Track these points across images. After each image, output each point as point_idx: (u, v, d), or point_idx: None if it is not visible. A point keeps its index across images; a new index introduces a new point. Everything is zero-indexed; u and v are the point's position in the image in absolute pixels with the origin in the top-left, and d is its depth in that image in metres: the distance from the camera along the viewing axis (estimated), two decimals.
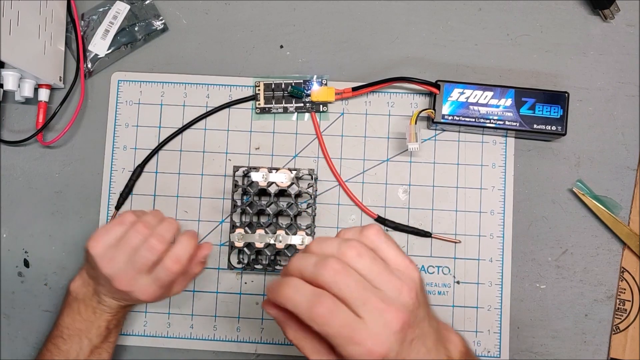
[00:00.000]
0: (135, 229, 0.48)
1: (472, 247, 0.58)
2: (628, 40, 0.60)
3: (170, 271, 0.48)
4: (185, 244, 0.49)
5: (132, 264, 0.48)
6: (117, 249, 0.48)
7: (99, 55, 0.60)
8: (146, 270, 0.48)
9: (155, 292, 0.49)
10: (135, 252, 0.48)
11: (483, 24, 0.60)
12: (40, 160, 0.60)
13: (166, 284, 0.49)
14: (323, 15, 0.61)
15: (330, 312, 0.35)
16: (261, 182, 0.55)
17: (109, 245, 0.48)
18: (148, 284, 0.48)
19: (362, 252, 0.37)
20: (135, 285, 0.48)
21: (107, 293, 0.50)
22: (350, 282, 0.36)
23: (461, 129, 0.58)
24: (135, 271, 0.48)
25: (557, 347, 0.57)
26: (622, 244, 0.58)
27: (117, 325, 0.53)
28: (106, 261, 0.48)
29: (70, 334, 0.50)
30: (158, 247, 0.48)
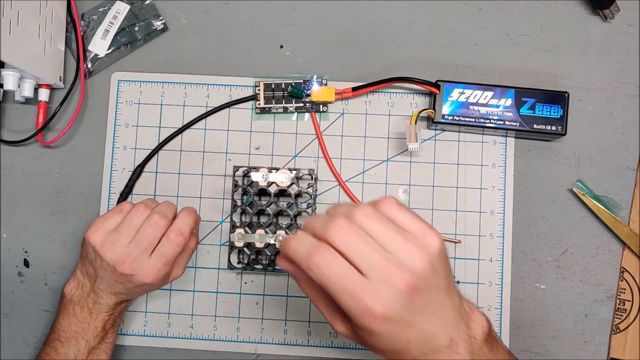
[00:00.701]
0: (136, 209, 0.50)
1: (472, 247, 0.58)
2: (628, 40, 0.60)
3: (174, 244, 0.49)
4: (186, 217, 0.51)
5: (135, 245, 0.49)
6: (117, 232, 0.49)
7: (99, 55, 0.60)
8: (149, 250, 0.49)
9: (159, 272, 0.49)
10: (138, 232, 0.49)
11: (483, 24, 0.60)
12: (40, 160, 0.60)
13: (170, 260, 0.50)
14: (323, 15, 0.61)
15: (325, 261, 0.35)
16: (261, 182, 0.55)
17: (109, 231, 0.50)
18: (152, 263, 0.49)
19: (372, 215, 0.37)
20: (139, 267, 0.49)
21: (106, 288, 0.50)
22: (354, 240, 0.36)
23: (461, 129, 0.58)
24: (139, 251, 0.49)
25: (557, 347, 0.57)
26: (622, 244, 0.58)
27: (114, 325, 0.53)
28: (107, 246, 0.49)
29: (68, 337, 0.50)
30: (161, 222, 0.49)
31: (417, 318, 0.36)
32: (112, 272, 0.49)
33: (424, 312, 0.36)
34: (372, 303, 0.35)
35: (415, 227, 0.38)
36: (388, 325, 0.36)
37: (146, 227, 0.49)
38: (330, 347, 0.58)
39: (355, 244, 0.36)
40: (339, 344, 0.58)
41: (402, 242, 0.36)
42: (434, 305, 0.37)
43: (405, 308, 0.35)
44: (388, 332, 0.36)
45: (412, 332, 0.36)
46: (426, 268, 0.36)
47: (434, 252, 0.37)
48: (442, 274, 0.37)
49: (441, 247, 0.38)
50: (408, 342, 0.37)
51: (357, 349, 0.57)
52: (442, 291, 0.37)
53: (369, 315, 0.35)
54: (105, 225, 0.50)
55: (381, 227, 0.37)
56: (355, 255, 0.36)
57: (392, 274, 0.35)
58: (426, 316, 0.37)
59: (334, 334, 0.58)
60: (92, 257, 0.50)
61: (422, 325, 0.36)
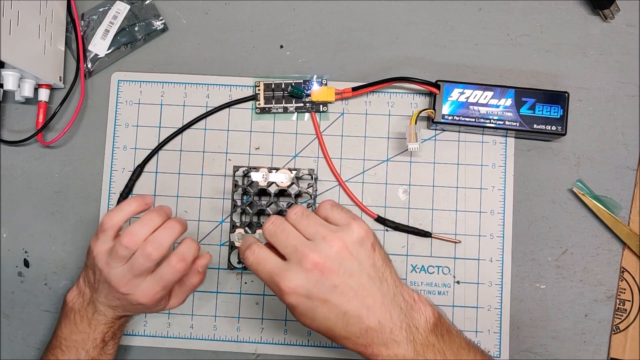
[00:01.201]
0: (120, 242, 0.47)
1: (472, 247, 0.58)
2: (628, 40, 0.60)
3: (174, 269, 0.47)
4: (190, 245, 0.49)
5: (128, 270, 0.47)
6: (110, 255, 0.47)
7: (99, 55, 0.60)
8: (144, 276, 0.48)
9: (156, 294, 0.48)
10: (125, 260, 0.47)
11: (483, 24, 0.60)
12: (40, 160, 0.60)
13: (168, 284, 0.48)
14: (323, 15, 0.61)
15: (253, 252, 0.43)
16: (261, 182, 0.55)
17: (106, 248, 0.48)
18: (149, 285, 0.48)
19: (301, 213, 0.43)
20: (134, 288, 0.48)
21: (104, 300, 0.50)
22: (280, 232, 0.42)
23: (461, 129, 0.58)
24: (132, 276, 0.47)
25: (557, 347, 0.57)
26: (622, 244, 0.58)
27: (114, 337, 0.52)
28: (104, 264, 0.48)
29: (68, 346, 0.50)
30: (154, 254, 0.46)
31: (331, 296, 0.40)
32: (109, 287, 0.48)
33: (338, 292, 0.40)
34: (282, 280, 0.41)
35: (342, 220, 0.43)
36: (298, 298, 0.40)
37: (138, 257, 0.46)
38: (330, 347, 0.58)
39: (279, 235, 0.42)
40: None
41: (323, 231, 0.42)
42: (352, 287, 0.41)
43: (313, 285, 0.40)
44: (302, 305, 0.41)
45: (329, 310, 0.41)
46: (339, 251, 0.41)
47: (350, 239, 0.41)
48: (363, 260, 0.41)
49: (362, 236, 0.42)
50: (328, 320, 0.41)
51: None
52: (363, 276, 0.41)
53: (280, 290, 0.41)
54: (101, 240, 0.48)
55: (308, 222, 0.43)
56: (279, 244, 0.42)
57: (303, 255, 0.41)
58: (342, 296, 0.40)
59: None
60: (94, 267, 0.49)
61: (338, 304, 0.40)
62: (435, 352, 0.42)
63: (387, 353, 0.41)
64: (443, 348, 0.42)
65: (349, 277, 0.41)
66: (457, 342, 0.43)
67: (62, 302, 0.52)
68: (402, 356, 0.41)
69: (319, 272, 0.40)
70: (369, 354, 0.42)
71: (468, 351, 0.44)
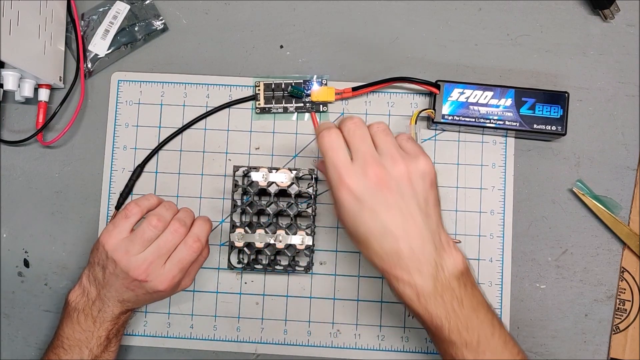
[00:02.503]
0: (149, 222, 0.49)
1: (472, 247, 0.58)
2: (628, 40, 0.60)
3: (192, 249, 0.49)
4: (203, 224, 0.52)
5: (152, 251, 0.49)
6: (131, 241, 0.49)
7: (99, 55, 0.60)
8: (166, 257, 0.49)
9: (174, 278, 0.49)
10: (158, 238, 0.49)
11: (483, 24, 0.60)
12: (40, 160, 0.60)
13: (186, 266, 0.50)
14: (323, 15, 0.61)
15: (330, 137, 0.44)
16: (261, 182, 0.55)
17: (122, 237, 0.49)
18: (168, 269, 0.49)
19: (383, 129, 0.46)
20: (154, 273, 0.48)
21: (113, 295, 0.50)
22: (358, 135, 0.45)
23: (461, 129, 0.58)
24: (156, 257, 0.48)
25: (557, 347, 0.57)
26: (622, 244, 0.58)
27: (117, 334, 0.52)
28: (122, 253, 0.48)
29: (71, 345, 0.50)
30: (181, 230, 0.50)
31: (380, 209, 0.43)
32: (124, 278, 0.48)
33: (387, 208, 0.43)
34: (345, 175, 0.43)
35: (412, 151, 0.45)
36: (350, 198, 0.43)
37: (166, 234, 0.49)
38: (330, 347, 0.58)
39: (356, 136, 0.45)
40: (339, 344, 0.58)
41: (393, 152, 0.44)
42: (401, 210, 0.43)
43: (369, 192, 0.43)
44: (351, 206, 0.43)
45: (372, 220, 0.43)
46: (401, 175, 0.43)
47: (415, 169, 0.44)
48: (419, 191, 0.44)
49: (426, 170, 0.44)
50: (368, 229, 0.43)
51: (358, 349, 0.57)
52: (414, 205, 0.43)
53: (339, 182, 0.43)
54: (116, 231, 0.49)
55: (384, 138, 0.45)
56: (352, 143, 0.44)
57: (370, 164, 0.43)
58: (390, 213, 0.43)
59: (334, 334, 0.58)
60: (104, 263, 0.49)
61: (383, 218, 0.43)
62: (453, 297, 0.43)
63: (408, 279, 0.43)
64: (462, 296, 0.43)
65: (401, 199, 0.43)
66: (478, 299, 0.45)
67: (64, 302, 0.52)
68: (420, 287, 0.43)
69: (377, 184, 0.43)
70: (392, 275, 0.44)
71: (487, 311, 0.44)
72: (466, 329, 0.43)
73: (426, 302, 0.43)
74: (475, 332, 0.43)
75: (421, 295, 0.43)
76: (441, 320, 0.43)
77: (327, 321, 0.58)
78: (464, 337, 0.43)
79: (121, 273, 0.48)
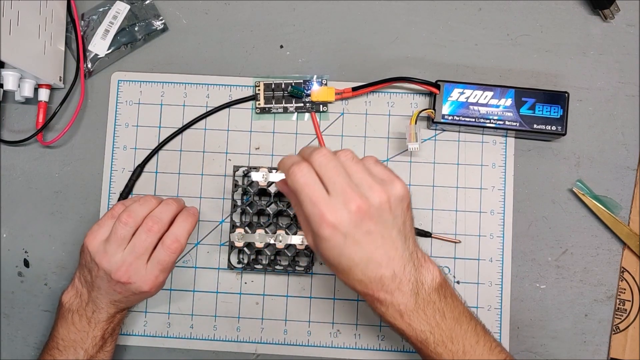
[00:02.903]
0: (119, 220, 0.49)
1: (472, 247, 0.58)
2: (628, 40, 0.60)
3: (169, 250, 0.49)
4: (183, 222, 0.51)
5: (129, 252, 0.48)
6: (108, 242, 0.49)
7: (99, 55, 0.60)
8: (145, 256, 0.49)
9: (157, 278, 0.49)
10: (132, 238, 0.49)
11: (483, 24, 0.60)
12: (40, 160, 0.60)
13: (167, 266, 0.50)
14: (323, 15, 0.61)
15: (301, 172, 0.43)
16: (261, 182, 0.55)
17: (104, 238, 0.49)
18: (149, 271, 0.49)
19: (352, 157, 0.44)
20: (135, 275, 0.48)
21: (104, 296, 0.50)
22: (330, 167, 0.43)
23: (461, 129, 0.58)
24: (134, 257, 0.48)
25: (557, 347, 0.57)
26: (622, 244, 0.58)
27: (113, 333, 0.52)
28: (102, 255, 0.49)
29: (66, 345, 0.50)
30: (155, 227, 0.49)
31: (364, 240, 0.42)
32: (108, 281, 0.49)
33: (370, 237, 0.42)
34: (327, 211, 0.41)
35: (385, 175, 0.45)
36: (335, 233, 0.42)
37: (140, 234, 0.49)
38: (330, 347, 0.58)
39: (329, 169, 0.43)
40: (339, 344, 0.58)
41: (369, 180, 0.43)
42: (383, 237, 0.42)
43: (352, 225, 0.42)
44: (335, 240, 0.42)
45: (356, 251, 0.42)
46: (381, 202, 0.42)
47: (393, 194, 0.43)
48: (398, 215, 0.43)
49: (402, 194, 0.44)
50: (352, 260, 0.42)
51: (358, 349, 0.57)
52: (394, 230, 0.43)
53: (322, 220, 0.42)
54: (100, 232, 0.50)
55: (356, 167, 0.44)
56: (327, 177, 0.43)
57: (350, 197, 0.42)
58: (373, 242, 0.42)
59: (334, 334, 0.58)
60: (90, 265, 0.50)
61: (367, 248, 0.42)
62: (435, 310, 0.44)
63: (391, 300, 0.43)
64: (444, 308, 0.44)
65: (383, 227, 0.43)
66: (459, 310, 0.45)
67: (58, 303, 0.52)
68: (403, 305, 0.43)
69: (360, 216, 0.42)
70: (374, 299, 0.44)
71: (469, 321, 0.45)
72: (451, 340, 0.44)
73: (409, 318, 0.43)
74: (460, 342, 0.44)
75: (404, 313, 0.43)
76: (426, 335, 0.44)
77: (327, 321, 0.58)
78: (449, 349, 0.44)
79: (105, 276, 0.49)
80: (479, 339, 0.45)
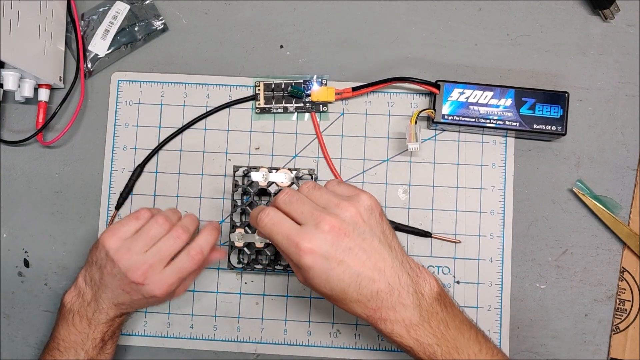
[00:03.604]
0: (155, 220, 0.50)
1: (472, 247, 0.58)
2: (628, 40, 0.60)
3: (193, 260, 0.49)
4: (209, 235, 0.51)
5: (153, 254, 0.49)
6: (134, 240, 0.49)
7: (99, 55, 0.60)
8: (165, 261, 0.49)
9: (171, 285, 0.49)
10: (159, 241, 0.49)
11: (483, 24, 0.60)
12: (40, 160, 0.60)
13: (184, 275, 0.50)
14: (323, 15, 0.61)
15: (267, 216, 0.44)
16: (261, 181, 0.55)
17: (125, 237, 0.49)
18: (167, 275, 0.49)
19: (312, 186, 0.45)
20: (151, 277, 0.48)
21: (109, 297, 0.49)
22: (294, 200, 0.44)
23: (461, 129, 0.58)
24: (156, 260, 0.48)
25: (557, 347, 0.57)
26: (622, 244, 0.58)
27: (113, 336, 0.52)
28: (123, 252, 0.48)
29: (67, 347, 0.50)
30: (183, 236, 0.50)
31: (347, 258, 0.42)
32: (121, 280, 0.48)
33: (353, 254, 0.42)
34: (300, 240, 0.42)
35: (350, 192, 0.45)
36: (316, 258, 0.41)
37: (168, 238, 0.49)
38: (330, 347, 0.58)
39: (294, 202, 0.44)
40: (339, 344, 0.58)
41: (334, 200, 0.44)
42: (365, 250, 0.42)
43: (330, 246, 0.42)
44: (318, 266, 0.42)
45: (344, 272, 0.42)
46: (352, 216, 0.43)
47: (362, 206, 0.43)
48: (374, 225, 0.44)
49: (371, 204, 0.44)
50: (342, 281, 0.42)
51: (358, 349, 0.57)
52: (374, 240, 0.43)
53: (298, 249, 0.42)
54: (121, 231, 0.50)
55: (319, 193, 0.45)
56: (293, 210, 0.44)
57: (320, 219, 0.42)
58: (356, 257, 0.42)
59: (334, 334, 0.58)
60: (102, 262, 0.49)
61: (353, 265, 0.42)
62: (439, 321, 0.43)
63: (395, 317, 0.42)
64: (446, 318, 0.44)
65: (362, 240, 0.42)
66: (460, 318, 0.45)
67: (60, 303, 0.52)
68: (408, 320, 0.42)
69: (335, 234, 0.42)
70: (377, 318, 0.43)
71: (470, 328, 0.45)
72: (456, 350, 0.43)
73: (416, 333, 0.43)
74: (465, 352, 0.43)
75: (410, 328, 0.43)
76: (434, 348, 0.43)
77: (327, 321, 0.58)
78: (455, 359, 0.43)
79: (119, 274, 0.48)
80: (481, 347, 0.44)
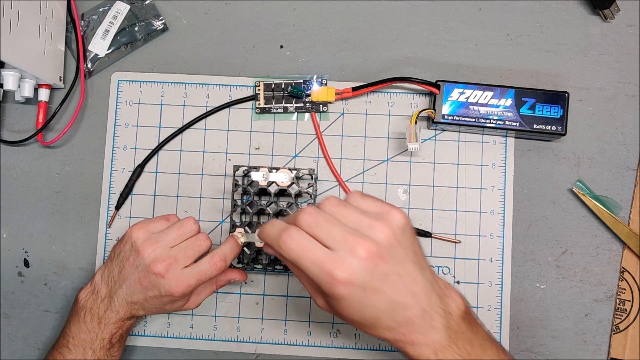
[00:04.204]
0: (187, 220, 0.51)
1: (472, 247, 0.58)
2: (628, 40, 0.60)
3: (215, 266, 0.49)
4: (232, 246, 0.51)
5: (180, 250, 0.49)
6: (163, 234, 0.50)
7: (99, 55, 0.60)
8: (190, 261, 0.49)
9: (189, 286, 0.49)
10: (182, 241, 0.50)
11: (483, 24, 0.60)
12: (40, 160, 0.60)
13: (203, 279, 0.49)
14: (323, 15, 0.61)
15: (292, 238, 0.39)
16: (261, 181, 0.55)
17: (153, 231, 0.50)
18: (187, 275, 0.49)
19: (337, 203, 0.41)
20: (173, 272, 0.48)
21: (124, 293, 0.50)
22: (321, 221, 0.39)
23: (461, 129, 0.58)
24: (182, 256, 0.49)
25: (557, 347, 0.57)
26: (622, 244, 0.58)
27: (120, 340, 0.52)
28: (150, 243, 0.49)
29: (76, 344, 0.50)
30: (209, 242, 0.51)
31: (383, 285, 0.39)
32: (142, 271, 0.49)
33: (389, 280, 0.39)
34: (335, 269, 0.38)
35: (378, 208, 0.41)
36: (352, 289, 0.38)
37: (196, 239, 0.50)
38: (330, 347, 0.58)
39: (321, 224, 0.39)
40: (339, 344, 0.58)
41: (365, 220, 0.40)
42: (400, 275, 0.39)
43: (368, 274, 0.38)
44: (353, 297, 0.38)
45: (379, 300, 0.39)
46: (388, 238, 0.39)
47: (395, 225, 0.40)
48: (407, 246, 0.40)
49: (404, 222, 0.40)
50: (377, 310, 0.39)
51: (358, 349, 0.57)
52: (409, 263, 0.40)
53: (333, 280, 0.38)
54: (151, 226, 0.51)
55: (346, 211, 0.40)
56: (321, 233, 0.39)
57: (355, 244, 0.38)
58: (392, 284, 0.39)
59: (334, 334, 0.58)
60: (125, 254, 0.50)
61: (389, 293, 0.39)
62: (465, 341, 0.41)
63: (425, 340, 0.40)
64: (471, 337, 0.42)
65: (397, 264, 0.39)
66: (482, 334, 0.43)
67: (74, 300, 0.52)
68: (437, 343, 0.40)
69: (372, 261, 0.38)
70: (406, 342, 0.40)
71: (491, 344, 0.43)
72: None
73: (444, 354, 0.40)
74: None
75: (439, 351, 0.40)
76: None
77: (327, 321, 0.58)
78: None
79: (141, 264, 0.49)
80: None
